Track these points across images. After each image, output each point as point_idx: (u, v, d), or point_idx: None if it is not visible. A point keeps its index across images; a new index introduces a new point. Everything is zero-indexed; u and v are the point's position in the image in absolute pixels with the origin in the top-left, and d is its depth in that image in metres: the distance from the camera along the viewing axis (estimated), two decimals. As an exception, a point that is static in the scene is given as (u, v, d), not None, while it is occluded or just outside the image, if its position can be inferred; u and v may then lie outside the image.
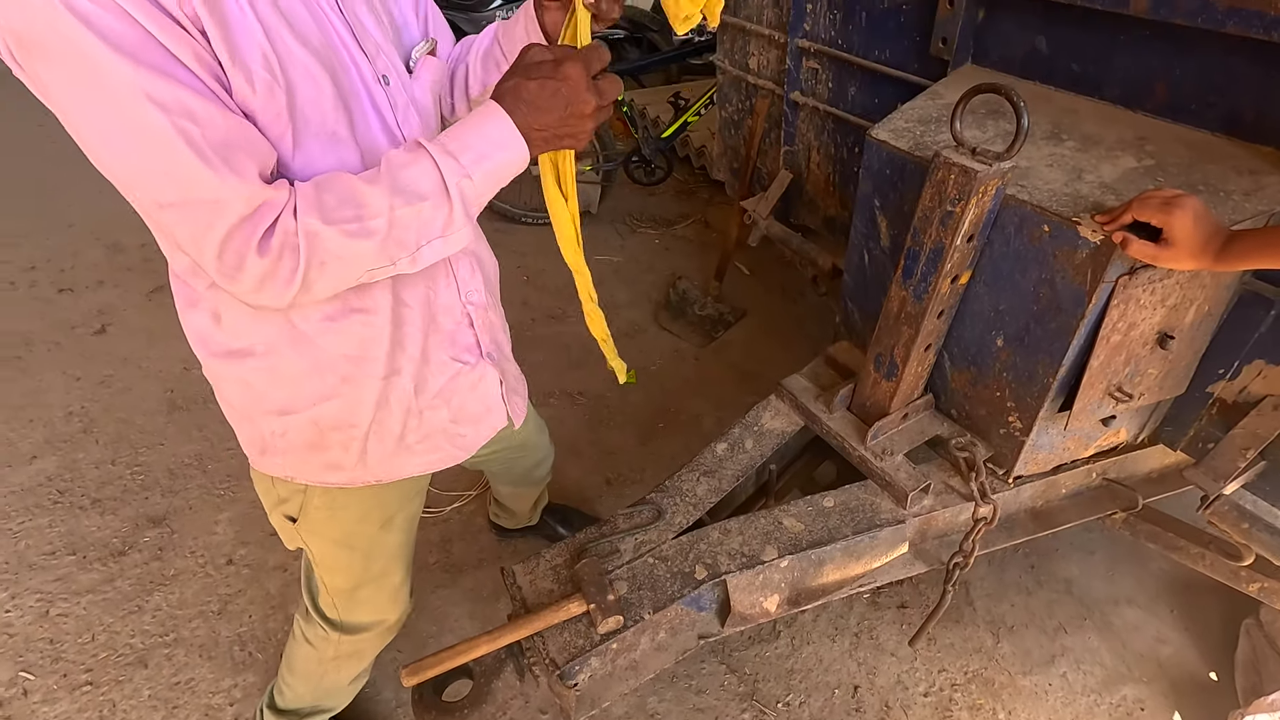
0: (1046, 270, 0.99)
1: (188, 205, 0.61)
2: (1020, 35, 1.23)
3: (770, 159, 1.96)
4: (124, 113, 0.57)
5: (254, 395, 0.88)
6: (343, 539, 1.05)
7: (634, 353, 2.49)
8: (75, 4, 0.54)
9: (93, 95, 0.57)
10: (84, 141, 0.61)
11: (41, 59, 0.56)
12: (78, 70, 0.56)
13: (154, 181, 0.61)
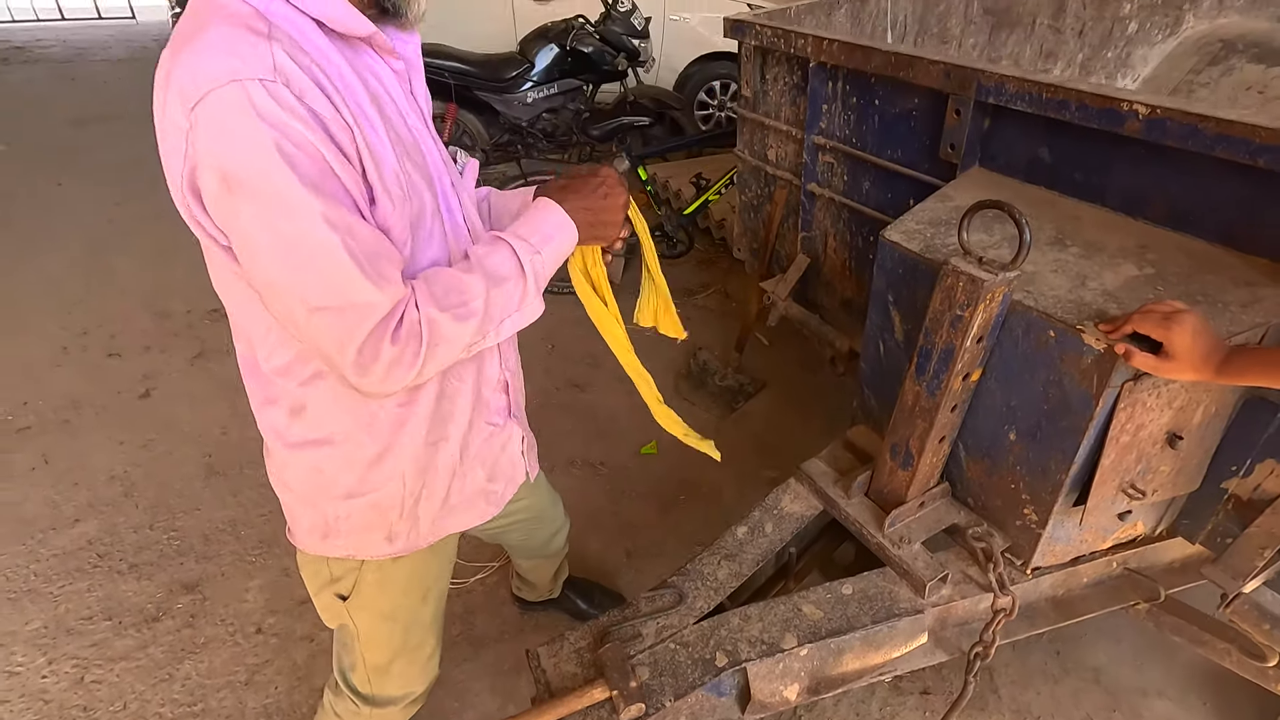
0: (1054, 373, 1.03)
1: (343, 309, 0.69)
2: (1024, 144, 1.31)
3: (788, 242, 2.04)
4: (303, 234, 0.66)
5: (323, 482, 0.93)
6: (390, 611, 1.10)
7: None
8: (284, 148, 0.64)
9: (279, 221, 0.66)
10: (258, 258, 0.68)
11: (242, 192, 0.65)
12: (271, 201, 0.65)
13: (315, 289, 0.68)
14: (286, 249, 0.67)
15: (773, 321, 2.05)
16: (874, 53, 1.46)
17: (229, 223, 0.68)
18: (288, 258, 0.67)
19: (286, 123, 0.64)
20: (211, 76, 0.61)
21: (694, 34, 4.79)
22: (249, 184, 0.64)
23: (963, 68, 1.30)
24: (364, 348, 0.71)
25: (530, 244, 0.82)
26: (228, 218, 0.68)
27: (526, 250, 0.81)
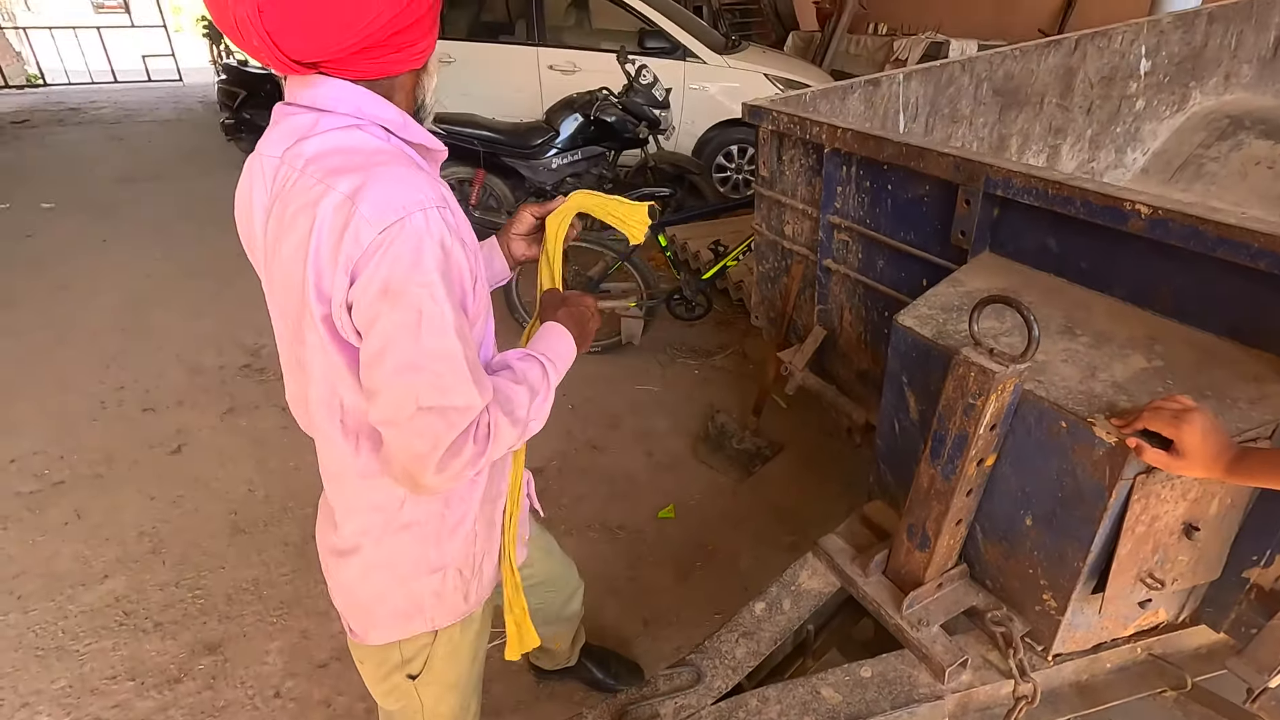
0: (1067, 462, 1.06)
1: (445, 410, 0.75)
2: (1032, 234, 1.35)
3: (805, 313, 2.09)
4: (436, 342, 0.73)
5: (417, 558, 0.97)
6: (455, 680, 1.13)
7: (672, 485, 2.55)
8: (444, 267, 0.73)
9: (421, 329, 0.73)
10: (385, 359, 0.74)
11: (398, 301, 0.71)
12: (420, 311, 0.72)
13: (428, 391, 0.74)
14: (417, 354, 0.73)
15: (790, 390, 2.09)
16: (886, 143, 1.53)
17: (368, 322, 0.73)
18: (415, 361, 0.73)
19: (451, 245, 0.73)
20: (403, 205, 0.70)
21: (712, 102, 4.98)
22: (406, 295, 0.71)
23: (971, 161, 1.36)
24: (453, 446, 0.77)
25: (555, 365, 0.94)
26: (370, 321, 0.73)
27: (552, 369, 0.93)
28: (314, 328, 0.76)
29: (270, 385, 3.07)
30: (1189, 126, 2.86)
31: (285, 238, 0.75)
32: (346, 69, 0.75)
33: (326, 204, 0.71)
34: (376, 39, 0.72)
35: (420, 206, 0.71)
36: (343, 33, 0.70)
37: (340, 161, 0.73)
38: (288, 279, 0.76)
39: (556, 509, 2.39)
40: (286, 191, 0.75)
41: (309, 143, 0.74)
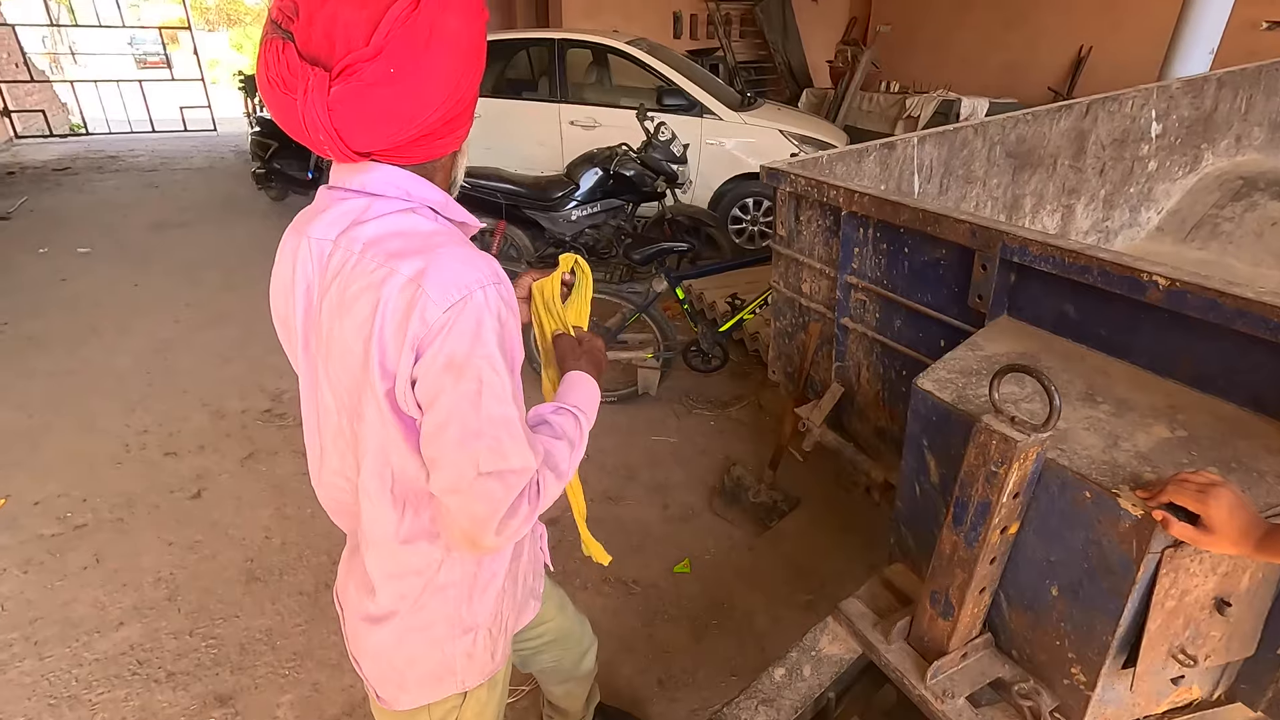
0: (1092, 532, 1.05)
1: (504, 474, 0.78)
2: (1050, 299, 1.37)
3: (822, 369, 2.11)
4: (496, 410, 0.77)
5: (451, 620, 0.97)
6: None
7: (688, 539, 2.53)
8: (503, 339, 0.77)
9: (478, 398, 0.76)
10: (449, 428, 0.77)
11: (462, 373, 0.75)
12: (478, 382, 0.76)
13: (489, 456, 0.77)
14: (478, 422, 0.76)
15: (807, 447, 2.08)
16: (902, 208, 1.57)
17: (433, 395, 0.76)
18: (477, 429, 0.76)
19: (505, 317, 0.77)
20: (465, 284, 0.74)
21: (729, 156, 5.10)
22: (469, 368, 0.75)
23: (987, 228, 1.39)
24: (512, 507, 0.80)
25: (587, 415, 0.97)
26: (434, 395, 0.76)
27: (585, 420, 0.96)
28: (374, 402, 0.79)
29: (290, 431, 3.10)
30: (1202, 187, 2.90)
31: (344, 317, 0.77)
32: (397, 156, 0.78)
33: (391, 286, 0.73)
34: (431, 129, 0.77)
35: (480, 284, 0.75)
36: (403, 127, 0.74)
37: (400, 244, 0.76)
38: (346, 356, 0.79)
39: (571, 561, 2.38)
40: (346, 274, 0.77)
41: (365, 227, 0.78)
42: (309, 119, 0.70)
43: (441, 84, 0.73)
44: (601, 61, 5.53)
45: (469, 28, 0.73)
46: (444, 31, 0.70)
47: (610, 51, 5.37)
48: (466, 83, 0.76)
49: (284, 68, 0.69)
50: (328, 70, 0.68)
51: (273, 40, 0.70)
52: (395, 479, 0.86)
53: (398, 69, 0.68)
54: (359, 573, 0.97)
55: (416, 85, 0.70)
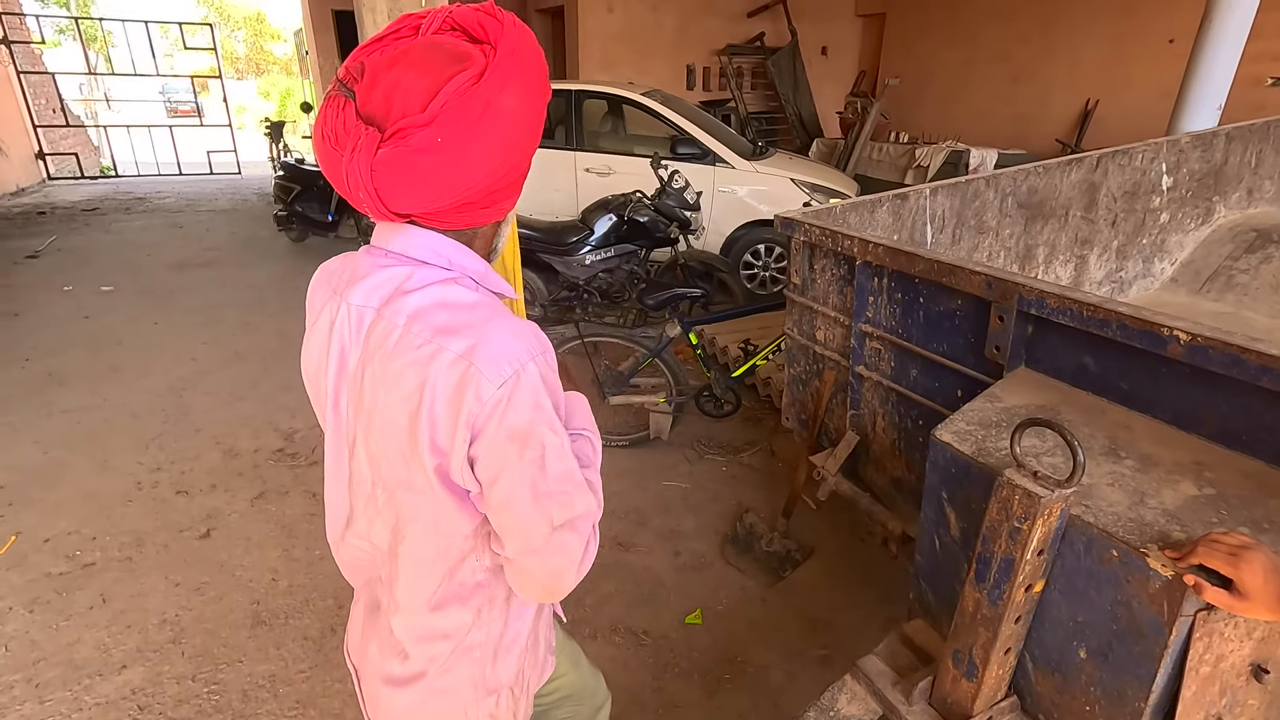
0: (1121, 593, 1.02)
1: (574, 521, 0.81)
2: (1068, 351, 1.37)
3: (837, 417, 2.09)
4: (557, 466, 0.79)
5: (476, 681, 0.95)
6: None
7: (700, 588, 2.48)
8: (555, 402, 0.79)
9: (543, 461, 0.77)
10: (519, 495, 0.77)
11: (522, 445, 0.76)
12: (541, 448, 0.77)
13: (559, 509, 0.79)
14: (546, 483, 0.78)
15: (823, 495, 2.06)
16: (917, 259, 1.58)
17: (498, 469, 0.76)
18: (546, 490, 0.78)
19: (553, 380, 0.79)
20: (515, 358, 0.74)
21: (741, 203, 5.18)
22: (533, 436, 0.76)
23: (1004, 280, 1.39)
24: (586, 548, 0.83)
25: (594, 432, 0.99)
26: (500, 468, 0.76)
27: (594, 439, 0.99)
28: (423, 474, 0.78)
29: (302, 471, 3.10)
30: (1215, 239, 2.90)
31: (389, 392, 0.76)
32: (438, 221, 0.78)
33: (440, 363, 0.73)
34: (473, 199, 0.76)
35: (530, 356, 0.75)
36: (444, 195, 0.74)
37: (446, 318, 0.75)
38: (389, 429, 0.78)
39: (580, 609, 2.33)
40: (390, 347, 0.76)
41: (409, 298, 0.76)
42: (352, 176, 0.71)
43: (487, 157, 0.72)
44: (616, 111, 5.68)
45: (527, 106, 0.74)
46: (499, 108, 0.70)
47: (625, 102, 5.52)
48: (516, 158, 0.76)
49: (340, 124, 0.71)
50: (380, 131, 0.70)
51: (336, 97, 0.72)
52: (441, 550, 0.85)
53: (445, 139, 0.69)
54: (382, 634, 0.95)
55: (462, 156, 0.70)
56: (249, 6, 29.81)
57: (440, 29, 0.75)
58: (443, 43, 0.73)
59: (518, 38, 0.73)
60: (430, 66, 0.69)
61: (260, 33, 30.26)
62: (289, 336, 4.61)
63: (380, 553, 0.90)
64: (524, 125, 0.75)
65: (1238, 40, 3.47)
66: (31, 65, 11.03)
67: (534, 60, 0.74)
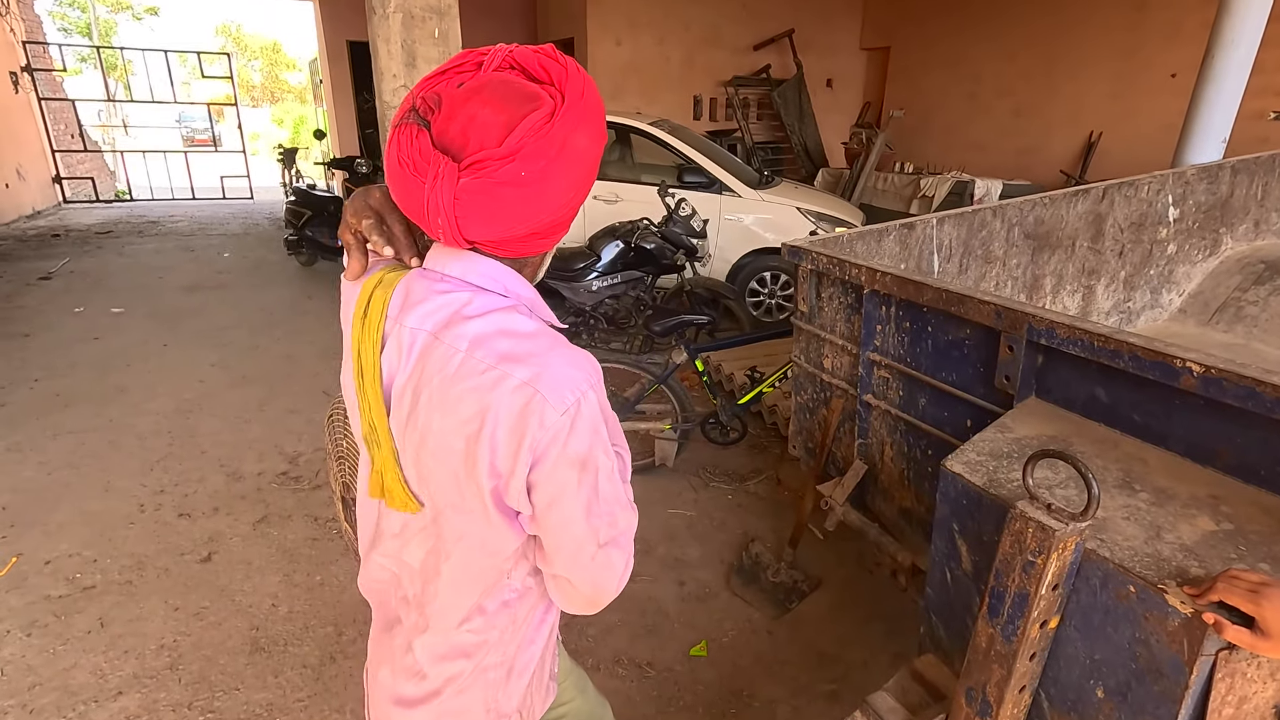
0: (1139, 630, 0.99)
1: (616, 537, 0.84)
2: (1079, 382, 1.35)
3: (844, 446, 2.08)
4: (608, 488, 0.82)
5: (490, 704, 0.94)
6: None
7: (705, 619, 2.44)
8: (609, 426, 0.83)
9: (596, 485, 0.80)
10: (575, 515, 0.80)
11: (581, 470, 0.79)
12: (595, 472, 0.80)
13: (605, 527, 0.82)
14: (600, 503, 0.81)
15: (830, 525, 2.03)
16: (925, 288, 1.58)
17: (557, 493, 0.78)
18: (597, 508, 0.81)
19: (608, 408, 0.83)
20: (577, 386, 0.77)
21: (747, 231, 5.22)
22: (591, 461, 0.79)
23: (1013, 310, 1.39)
24: (626, 569, 0.86)
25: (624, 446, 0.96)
26: (558, 493, 0.79)
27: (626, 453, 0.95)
28: (477, 496, 0.79)
29: (305, 495, 3.09)
30: (1223, 270, 2.90)
31: (446, 414, 0.77)
32: (500, 249, 0.80)
33: (504, 389, 0.74)
34: (539, 230, 0.79)
35: (589, 384, 0.78)
36: (519, 225, 0.76)
37: (509, 345, 0.77)
38: (444, 451, 0.78)
39: (583, 640, 2.29)
40: (451, 371, 0.77)
41: (470, 324, 0.78)
42: (432, 203, 0.73)
43: (561, 192, 0.76)
44: (624, 140, 5.75)
45: (593, 146, 0.78)
46: (573, 146, 0.74)
47: (633, 131, 5.59)
48: (580, 192, 0.80)
49: (416, 152, 0.73)
50: (456, 161, 0.73)
51: (409, 126, 0.75)
52: (483, 568, 0.86)
53: (528, 173, 0.72)
54: (396, 655, 0.94)
55: (541, 190, 0.74)
56: (266, 37, 30.53)
57: (500, 66, 0.78)
58: (513, 81, 0.76)
59: (584, 82, 0.77)
60: (506, 103, 0.73)
61: (276, 62, 30.95)
62: (297, 359, 4.63)
63: (410, 571, 0.90)
64: (590, 162, 0.79)
65: (1241, 75, 3.51)
66: (53, 92, 11.29)
67: (599, 104, 0.79)
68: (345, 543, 2.69)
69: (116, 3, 23.55)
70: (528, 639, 0.96)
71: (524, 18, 9.61)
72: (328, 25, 9.22)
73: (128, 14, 24.26)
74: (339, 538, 2.80)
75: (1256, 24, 3.42)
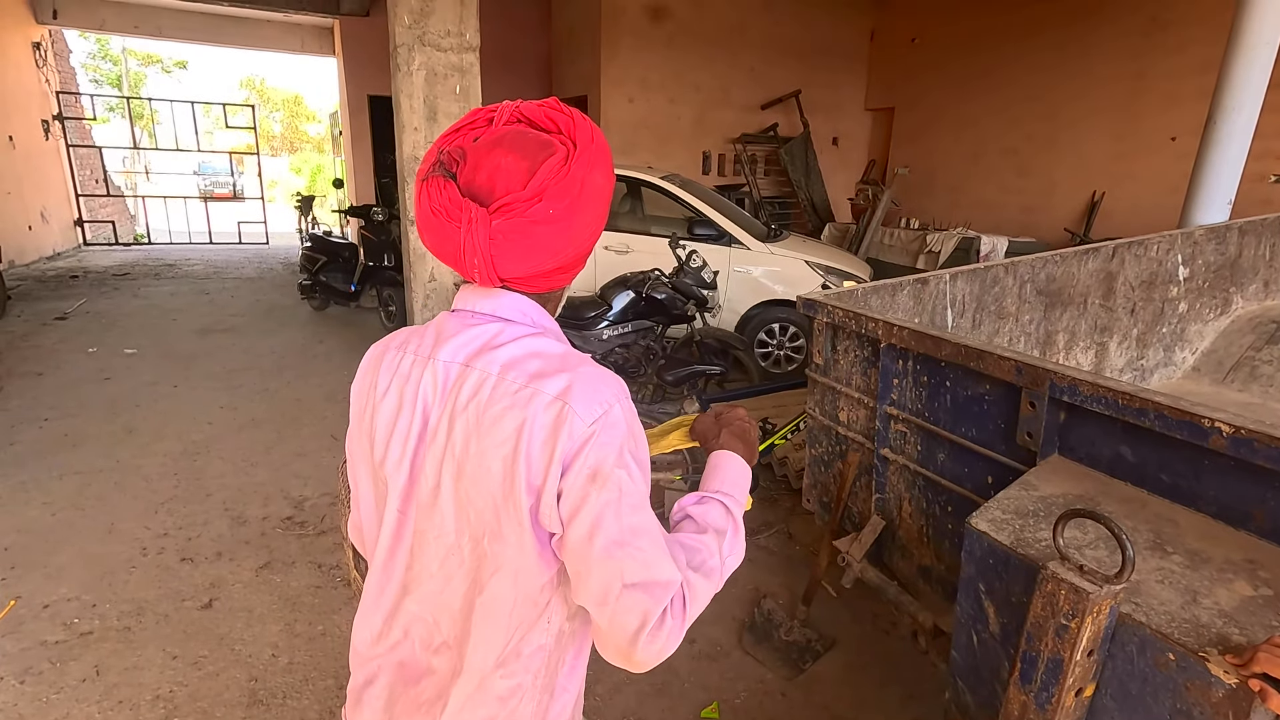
0: (1181, 701, 0.96)
1: (649, 585, 0.77)
2: (1104, 440, 1.34)
3: (861, 500, 2.05)
4: (637, 519, 0.78)
5: None
6: None
7: (716, 679, 2.36)
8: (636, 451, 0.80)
9: (624, 508, 0.77)
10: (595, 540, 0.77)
11: (601, 484, 0.77)
12: (618, 491, 0.78)
13: (633, 568, 0.77)
14: (620, 531, 0.77)
15: (847, 583, 1.99)
16: (944, 343, 1.59)
17: (576, 509, 0.78)
18: (619, 538, 0.77)
19: (637, 429, 0.82)
20: (604, 399, 0.79)
21: (756, 283, 5.27)
22: (611, 477, 0.77)
23: (1034, 366, 1.39)
24: (660, 621, 0.78)
25: (735, 498, 0.94)
26: (578, 505, 0.77)
27: (735, 505, 0.93)
28: (515, 519, 0.80)
29: (309, 541, 3.04)
30: (1235, 329, 2.90)
31: (483, 438, 0.80)
32: (528, 284, 0.86)
33: (537, 404, 0.78)
34: (564, 264, 0.85)
35: (617, 398, 0.80)
36: (548, 260, 0.83)
37: (540, 365, 0.81)
38: (482, 475, 0.80)
39: (591, 699, 2.22)
40: (485, 395, 0.81)
41: (501, 350, 0.82)
42: (468, 245, 0.79)
43: (585, 226, 0.83)
44: (635, 193, 5.88)
45: (606, 184, 0.85)
46: (592, 184, 0.82)
47: (644, 185, 5.72)
48: (598, 227, 0.86)
49: (446, 200, 0.80)
50: (484, 206, 0.79)
51: (434, 179, 0.81)
52: (518, 601, 0.85)
53: (555, 211, 0.79)
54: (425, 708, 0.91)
55: (568, 225, 0.81)
56: (288, 90, 31.64)
57: (510, 120, 0.86)
58: (527, 132, 0.83)
59: (591, 129, 0.84)
60: (526, 152, 0.80)
61: (297, 114, 31.99)
62: (306, 403, 4.63)
63: (449, 614, 0.88)
64: (605, 200, 0.86)
65: (1244, 139, 3.60)
66: (81, 139, 11.66)
67: (606, 148, 0.86)
68: (353, 591, 2.64)
69: (147, 57, 24.54)
70: (561, 687, 0.93)
71: (540, 75, 9.96)
72: (350, 80, 9.56)
73: (157, 67, 25.26)
74: (343, 586, 2.74)
75: (1257, 91, 3.52)
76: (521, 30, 9.47)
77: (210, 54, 27.33)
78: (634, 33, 8.19)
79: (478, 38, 4.19)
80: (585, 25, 8.51)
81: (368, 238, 6.48)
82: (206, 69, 31.68)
